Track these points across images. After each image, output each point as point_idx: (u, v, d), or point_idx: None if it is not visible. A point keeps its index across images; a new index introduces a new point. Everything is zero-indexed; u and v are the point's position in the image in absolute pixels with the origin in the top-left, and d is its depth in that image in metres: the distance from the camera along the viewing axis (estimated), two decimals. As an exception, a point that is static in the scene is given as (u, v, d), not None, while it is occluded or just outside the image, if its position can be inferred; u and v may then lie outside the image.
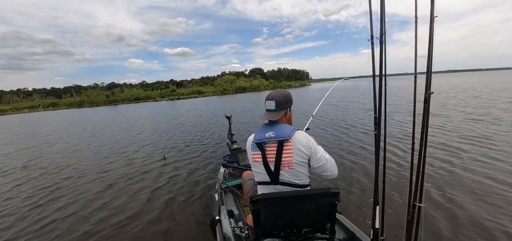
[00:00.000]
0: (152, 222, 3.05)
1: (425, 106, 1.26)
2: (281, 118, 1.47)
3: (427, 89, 1.24)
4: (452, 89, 19.54)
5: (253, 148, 1.48)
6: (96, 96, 54.35)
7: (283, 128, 1.42)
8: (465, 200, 2.95)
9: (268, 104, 1.48)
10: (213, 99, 35.15)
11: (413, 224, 1.39)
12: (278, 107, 1.45)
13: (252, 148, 1.49)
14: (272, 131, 1.41)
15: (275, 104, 1.45)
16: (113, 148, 7.52)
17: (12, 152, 8.10)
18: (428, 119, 1.26)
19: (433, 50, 1.20)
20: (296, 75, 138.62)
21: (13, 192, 4.38)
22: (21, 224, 3.23)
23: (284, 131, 1.40)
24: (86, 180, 4.78)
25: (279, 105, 1.45)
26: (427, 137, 1.28)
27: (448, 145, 5.07)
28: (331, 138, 6.59)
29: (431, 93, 1.24)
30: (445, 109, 9.78)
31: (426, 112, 1.26)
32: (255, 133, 1.50)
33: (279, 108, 1.46)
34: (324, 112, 11.14)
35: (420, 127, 1.28)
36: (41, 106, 50.40)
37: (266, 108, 1.50)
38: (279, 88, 1.45)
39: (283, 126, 1.43)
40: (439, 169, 3.87)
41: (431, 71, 1.21)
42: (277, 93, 1.49)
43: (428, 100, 1.25)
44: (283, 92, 1.50)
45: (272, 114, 1.46)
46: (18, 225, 3.19)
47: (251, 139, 1.52)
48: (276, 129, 1.42)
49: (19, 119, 26.30)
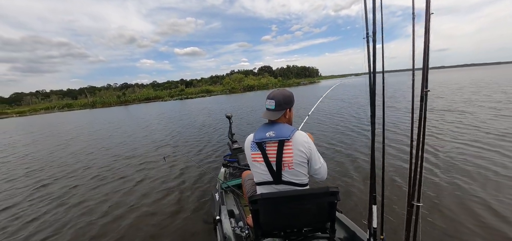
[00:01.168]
0: (151, 222, 3.04)
1: (422, 104, 1.24)
2: (280, 118, 1.46)
3: (423, 87, 1.22)
4: (473, 84, 18.73)
5: (253, 148, 1.46)
6: (108, 97, 55.86)
7: (283, 128, 1.41)
8: (465, 200, 2.93)
9: (268, 103, 1.47)
10: (220, 98, 35.35)
11: (411, 223, 1.38)
12: (278, 107, 1.44)
13: (252, 147, 1.47)
14: (272, 131, 1.40)
15: (275, 104, 1.44)
16: (117, 149, 7.53)
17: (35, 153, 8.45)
18: (425, 117, 1.25)
19: (429, 47, 1.18)
20: (305, 72, 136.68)
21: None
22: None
23: (285, 131, 1.39)
24: (87, 179, 4.86)
25: (279, 105, 1.44)
26: (425, 135, 1.26)
27: (482, 142, 4.85)
28: (331, 136, 6.57)
29: (427, 91, 1.22)
30: (470, 105, 9.11)
31: (424, 110, 1.24)
32: (255, 133, 1.48)
33: (279, 108, 1.44)
34: (329, 108, 11.01)
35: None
36: (56, 107, 52.32)
37: (266, 107, 1.49)
38: (282, 87, 1.44)
39: (283, 126, 1.42)
40: (440, 169, 3.80)
41: (428, 68, 1.20)
42: (278, 93, 1.48)
43: (425, 98, 1.23)
44: (285, 92, 1.49)
45: (271, 114, 1.45)
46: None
47: (250, 138, 1.50)
48: (276, 128, 1.41)
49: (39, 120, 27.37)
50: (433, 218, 2.61)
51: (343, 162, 4.52)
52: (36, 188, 4.68)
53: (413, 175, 1.34)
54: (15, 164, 6.97)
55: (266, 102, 1.48)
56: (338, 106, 12.35)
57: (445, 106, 9.23)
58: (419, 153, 1.28)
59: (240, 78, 69.18)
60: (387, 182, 3.41)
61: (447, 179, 3.45)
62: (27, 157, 7.73)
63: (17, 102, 72.45)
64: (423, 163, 1.27)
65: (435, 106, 9.40)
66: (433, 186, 3.28)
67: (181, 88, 66.63)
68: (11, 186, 4.92)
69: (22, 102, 71.52)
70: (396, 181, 3.47)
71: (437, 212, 2.70)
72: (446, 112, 8.19)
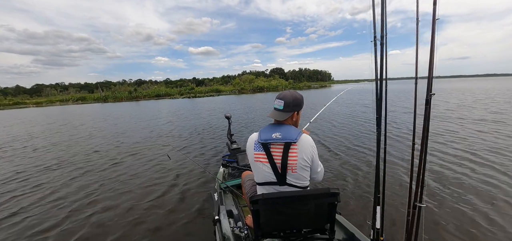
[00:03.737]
0: (149, 221, 3.05)
1: (427, 108, 1.27)
2: (287, 120, 1.45)
3: (428, 91, 1.26)
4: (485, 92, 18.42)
5: (257, 148, 1.43)
6: (119, 92, 57.15)
7: (290, 130, 1.39)
8: (466, 201, 2.97)
9: (277, 103, 1.45)
10: (228, 98, 35.42)
11: (413, 224, 1.41)
12: (286, 108, 1.42)
13: (255, 147, 1.43)
14: (278, 132, 1.38)
15: (284, 105, 1.42)
16: (121, 145, 7.52)
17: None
18: (429, 121, 1.28)
19: (435, 53, 1.22)
20: (318, 76, 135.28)
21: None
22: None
23: (291, 133, 1.37)
24: (86, 178, 4.74)
25: (287, 106, 1.42)
26: (428, 138, 1.30)
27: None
28: (333, 137, 6.65)
29: (432, 95, 1.25)
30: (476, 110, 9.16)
31: (428, 114, 1.28)
32: (260, 132, 1.45)
33: (287, 109, 1.43)
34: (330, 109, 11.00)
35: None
36: (71, 100, 53.97)
37: (274, 107, 1.47)
38: (292, 89, 1.44)
39: (290, 128, 1.41)
40: (441, 169, 3.90)
41: (433, 73, 1.23)
42: (288, 94, 1.45)
43: (430, 101, 1.26)
44: (295, 94, 1.46)
45: (278, 114, 1.44)
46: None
47: (254, 138, 1.47)
48: (283, 130, 1.39)
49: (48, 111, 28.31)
50: (434, 219, 2.64)
51: (343, 163, 4.60)
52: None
53: (416, 176, 1.37)
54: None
55: (275, 102, 1.47)
56: (341, 109, 12.38)
57: (451, 111, 9.19)
58: (422, 155, 1.31)
59: (250, 79, 69.28)
60: (390, 183, 3.47)
61: (450, 180, 3.50)
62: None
63: (37, 93, 75.38)
64: (426, 164, 1.30)
65: (440, 110, 9.58)
66: (436, 187, 3.32)
67: (191, 87, 67.29)
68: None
69: (42, 93, 74.26)
70: (398, 183, 3.51)
71: (439, 214, 2.73)
72: (452, 116, 8.26)
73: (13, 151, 7.47)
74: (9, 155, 6.90)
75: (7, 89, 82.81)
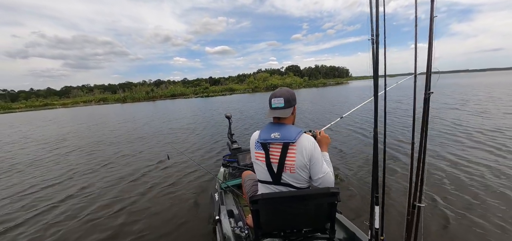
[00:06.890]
0: (149, 221, 3.05)
1: (425, 106, 1.25)
2: (289, 117, 1.44)
3: (426, 89, 1.23)
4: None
5: (257, 147, 1.44)
6: (137, 93, 59.56)
7: (290, 129, 1.38)
8: (466, 201, 2.93)
9: (277, 101, 1.42)
10: (241, 97, 35.47)
11: (413, 224, 1.38)
12: (287, 104, 1.40)
13: (256, 146, 1.45)
14: (278, 132, 1.37)
15: (284, 101, 1.40)
16: (120, 148, 7.47)
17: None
18: (428, 119, 1.25)
19: (433, 49, 1.19)
20: (335, 72, 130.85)
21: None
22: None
23: (291, 133, 1.35)
24: (84, 179, 4.80)
25: (288, 102, 1.40)
26: (427, 137, 1.27)
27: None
28: (333, 136, 6.46)
29: (431, 93, 1.22)
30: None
31: (426, 112, 1.25)
32: (260, 131, 1.46)
33: (288, 105, 1.41)
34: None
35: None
36: (93, 101, 57.03)
37: (273, 106, 1.43)
38: (286, 87, 1.43)
39: (290, 128, 1.39)
40: (440, 170, 3.81)
41: (431, 70, 1.20)
42: (284, 91, 1.45)
43: (428, 100, 1.24)
44: (289, 90, 1.47)
45: (281, 111, 1.41)
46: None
47: (256, 136, 1.48)
48: (282, 130, 1.38)
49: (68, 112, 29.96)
50: (434, 219, 2.61)
51: (343, 163, 4.55)
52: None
53: (416, 175, 1.34)
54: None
55: (273, 101, 1.43)
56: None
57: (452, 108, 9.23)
58: (421, 154, 1.28)
59: (265, 77, 69.24)
60: (390, 182, 3.46)
61: (451, 180, 3.47)
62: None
63: (66, 95, 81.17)
64: (425, 163, 1.28)
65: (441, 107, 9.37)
66: (436, 187, 3.29)
67: (206, 86, 68.55)
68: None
69: (70, 95, 79.59)
70: (398, 182, 3.49)
71: (438, 214, 2.71)
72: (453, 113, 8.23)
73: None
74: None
75: (39, 91, 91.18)
